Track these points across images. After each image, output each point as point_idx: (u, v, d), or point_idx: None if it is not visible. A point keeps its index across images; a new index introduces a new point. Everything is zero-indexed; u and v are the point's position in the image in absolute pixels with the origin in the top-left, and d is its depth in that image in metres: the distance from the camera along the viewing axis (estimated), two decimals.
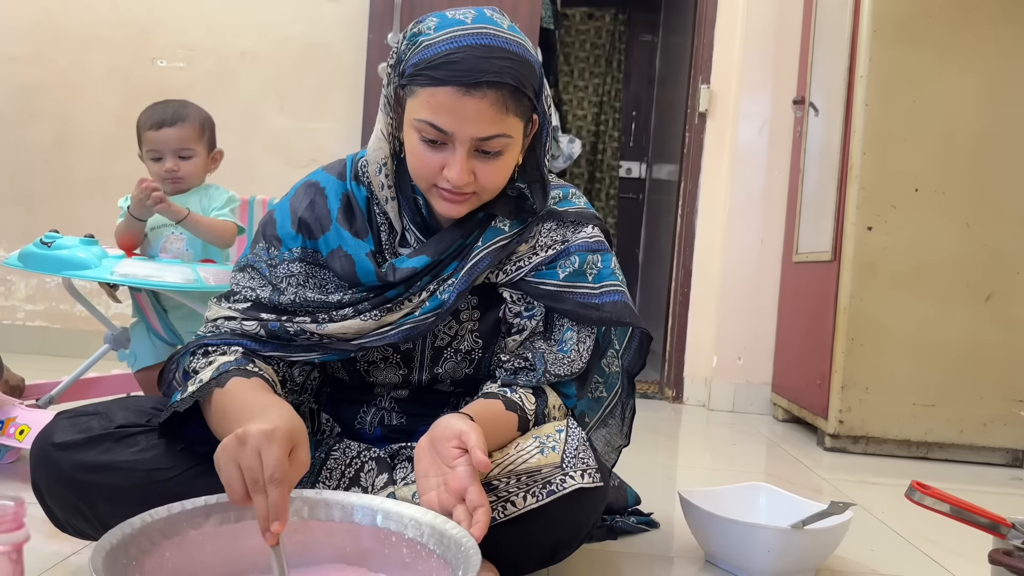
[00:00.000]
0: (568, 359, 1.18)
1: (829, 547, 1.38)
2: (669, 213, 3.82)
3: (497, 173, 1.08)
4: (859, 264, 2.52)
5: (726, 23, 3.30)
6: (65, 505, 1.06)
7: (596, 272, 1.19)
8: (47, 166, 3.36)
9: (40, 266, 1.76)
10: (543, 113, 1.12)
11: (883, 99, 2.51)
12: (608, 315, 1.17)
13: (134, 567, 0.82)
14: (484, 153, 1.06)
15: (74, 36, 3.34)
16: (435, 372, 1.21)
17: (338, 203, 1.17)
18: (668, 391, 3.42)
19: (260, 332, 1.13)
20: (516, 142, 1.08)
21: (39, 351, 3.23)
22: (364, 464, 1.15)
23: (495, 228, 1.15)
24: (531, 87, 1.06)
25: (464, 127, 1.03)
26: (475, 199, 1.10)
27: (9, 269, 3.34)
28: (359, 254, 1.14)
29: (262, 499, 0.85)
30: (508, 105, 1.03)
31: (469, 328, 1.19)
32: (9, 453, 1.72)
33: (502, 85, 1.02)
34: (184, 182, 1.91)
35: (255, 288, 1.16)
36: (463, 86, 1.01)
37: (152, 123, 1.87)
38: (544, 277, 1.17)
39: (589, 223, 1.21)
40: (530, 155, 1.16)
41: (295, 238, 1.16)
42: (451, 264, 1.15)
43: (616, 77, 5.34)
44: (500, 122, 1.03)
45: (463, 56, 1.01)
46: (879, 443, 2.55)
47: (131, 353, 2.00)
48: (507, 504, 1.03)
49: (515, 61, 1.03)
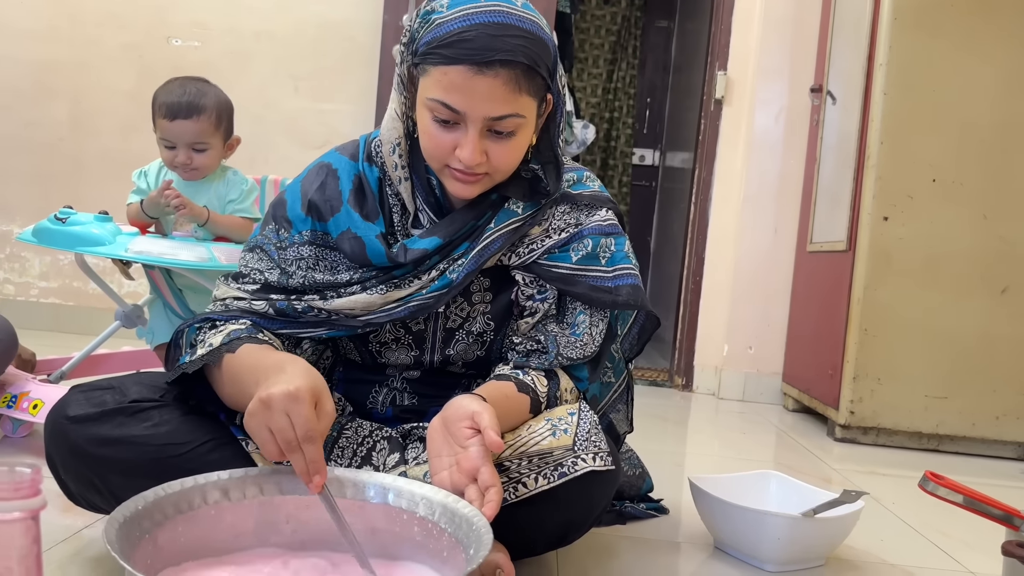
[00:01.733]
0: (580, 342, 1.18)
1: (839, 536, 1.37)
2: (682, 201, 3.80)
3: (510, 153, 1.07)
4: (874, 254, 2.50)
5: (744, 9, 3.28)
6: (79, 478, 1.07)
7: (609, 255, 1.18)
8: (62, 144, 3.37)
9: (54, 241, 1.76)
10: (557, 93, 1.11)
11: (902, 88, 2.49)
12: (621, 298, 1.17)
13: (147, 540, 0.82)
14: (497, 133, 1.05)
15: (89, 13, 3.34)
16: (446, 353, 1.20)
17: (350, 184, 1.16)
18: (678, 379, 3.41)
19: (268, 310, 1.13)
20: (529, 122, 1.07)
21: (52, 328, 3.24)
22: (376, 443, 1.15)
23: (508, 210, 1.14)
24: (544, 66, 1.04)
25: (476, 106, 1.02)
26: (487, 180, 1.09)
27: (23, 246, 3.36)
28: (369, 236, 1.13)
29: (299, 457, 0.88)
30: (521, 84, 1.02)
31: (481, 310, 1.19)
32: (22, 427, 1.74)
33: (515, 64, 1.00)
34: (198, 172, 1.88)
35: (263, 270, 1.16)
36: (475, 65, 0.99)
37: (167, 111, 1.79)
38: (557, 260, 1.17)
39: (603, 206, 1.20)
40: (544, 136, 1.14)
41: (304, 220, 1.16)
42: (462, 244, 1.14)
43: (631, 63, 5.31)
44: (513, 102, 1.02)
45: (476, 34, 0.99)
46: (890, 434, 2.54)
47: (149, 330, 2.00)
48: (518, 485, 1.03)
49: (528, 39, 1.02)
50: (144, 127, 1.91)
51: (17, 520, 0.52)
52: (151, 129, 1.89)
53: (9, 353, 1.68)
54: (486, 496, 0.92)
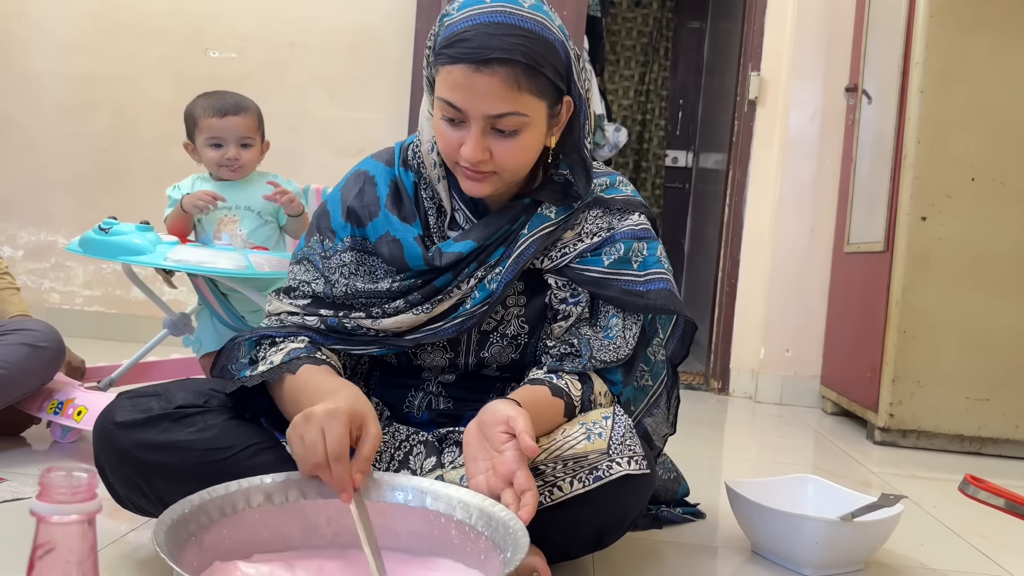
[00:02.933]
0: (614, 345, 1.18)
1: (878, 540, 1.36)
2: (716, 202, 3.78)
3: (514, 152, 1.08)
4: (912, 255, 2.47)
5: (777, 8, 3.25)
6: (126, 482, 1.10)
7: (641, 260, 1.19)
8: (104, 155, 3.45)
9: (98, 251, 1.82)
10: (579, 95, 1.11)
11: (939, 86, 2.45)
12: (652, 302, 1.18)
13: (193, 542, 0.84)
14: (500, 132, 1.06)
15: (130, 27, 3.41)
16: (481, 356, 1.22)
17: (387, 189, 1.19)
18: (714, 382, 3.39)
19: (320, 326, 1.16)
20: (535, 122, 1.07)
21: (96, 335, 3.32)
22: (412, 447, 1.17)
23: (541, 215, 1.16)
24: (549, 65, 1.05)
25: (475, 104, 1.03)
26: (496, 178, 1.10)
27: (69, 256, 3.44)
28: (407, 238, 1.15)
29: (325, 472, 0.92)
30: (521, 83, 1.03)
31: (515, 313, 1.20)
32: (71, 433, 1.78)
33: (512, 62, 1.02)
34: (242, 170, 1.95)
35: (310, 282, 1.20)
36: (473, 63, 1.01)
37: (215, 111, 1.89)
38: (589, 264, 1.18)
39: (636, 211, 1.21)
40: (568, 138, 1.15)
41: (344, 227, 1.19)
42: (497, 250, 1.16)
43: (663, 65, 5.29)
44: (512, 100, 1.03)
45: (475, 33, 1.02)
46: (930, 437, 2.51)
47: (196, 339, 2.05)
48: (553, 489, 1.04)
49: (528, 38, 1.03)
50: (184, 137, 1.96)
51: (75, 523, 0.55)
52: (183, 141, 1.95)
53: (57, 361, 1.73)
54: (522, 500, 0.93)
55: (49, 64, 3.44)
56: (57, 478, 0.55)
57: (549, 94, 1.07)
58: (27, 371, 1.66)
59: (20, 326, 1.69)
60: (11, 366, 1.63)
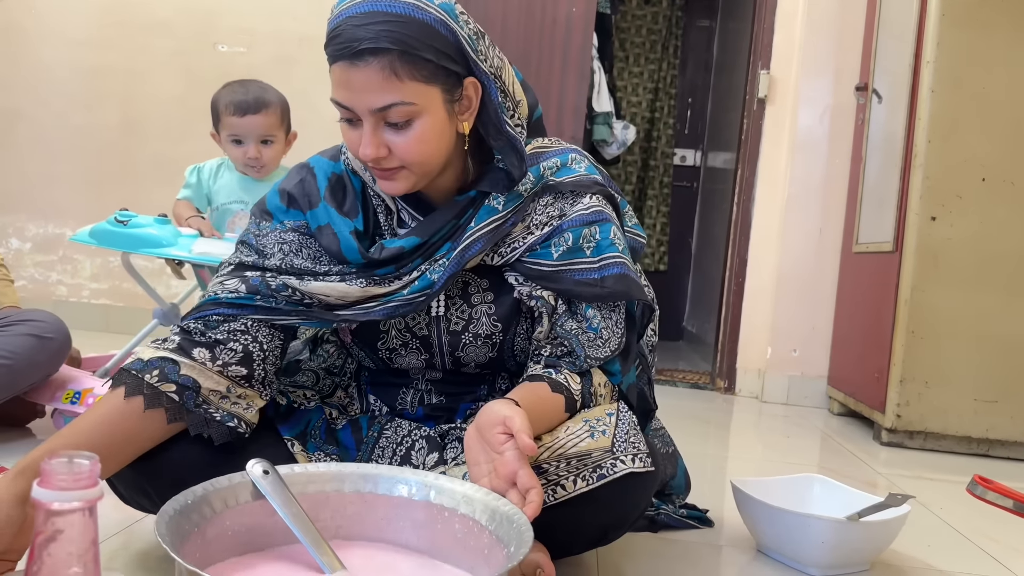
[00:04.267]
0: (601, 339, 1.14)
1: (885, 540, 1.35)
2: (724, 201, 3.77)
3: (412, 144, 1.03)
4: (922, 255, 2.46)
5: (787, 7, 3.24)
6: (128, 483, 1.09)
7: (594, 245, 1.13)
8: (113, 148, 3.45)
9: (117, 243, 1.84)
10: (484, 73, 1.05)
11: (950, 85, 2.44)
12: (609, 289, 1.12)
13: (196, 533, 0.84)
14: (393, 125, 1.02)
15: (138, 21, 3.42)
16: (456, 356, 1.19)
17: (326, 182, 1.16)
18: (720, 382, 3.38)
19: (241, 287, 1.10)
20: (427, 109, 1.02)
21: (103, 328, 3.33)
22: (415, 443, 1.16)
23: (488, 207, 1.11)
24: (429, 48, 0.99)
25: (357, 99, 1.00)
26: (407, 173, 1.06)
27: (76, 249, 3.45)
28: (343, 231, 1.12)
29: None
30: (398, 70, 0.98)
31: (485, 311, 1.16)
32: None
33: (384, 51, 0.97)
34: (265, 169, 1.95)
35: (240, 256, 1.16)
36: (347, 59, 0.98)
37: (235, 109, 1.88)
38: (538, 258, 1.13)
39: (587, 192, 1.14)
40: (484, 119, 1.08)
41: (286, 212, 1.16)
42: (444, 245, 1.12)
43: (672, 63, 5.28)
44: (392, 89, 0.99)
45: (344, 27, 0.99)
46: (938, 439, 2.49)
47: None
48: (557, 488, 1.03)
49: (397, 23, 0.98)
50: (192, 131, 1.97)
51: (76, 509, 0.54)
52: (199, 133, 1.95)
53: (63, 352, 1.73)
54: (527, 498, 0.91)
55: (58, 58, 3.45)
56: (59, 464, 0.54)
57: (439, 78, 1.02)
58: (33, 362, 1.66)
59: (26, 317, 1.69)
60: (17, 357, 1.63)
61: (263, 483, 0.87)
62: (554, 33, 3.12)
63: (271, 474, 0.89)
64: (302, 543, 0.85)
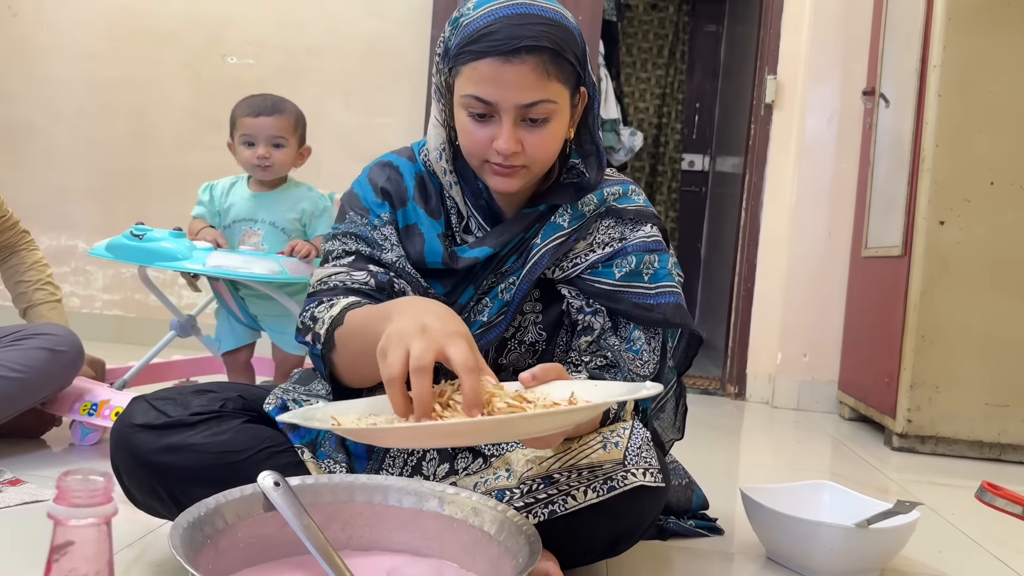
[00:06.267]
0: (641, 360, 1.18)
1: (894, 547, 1.35)
2: (733, 206, 3.77)
3: (545, 142, 1.09)
4: (930, 259, 2.45)
5: (794, 12, 3.24)
6: (142, 485, 1.11)
7: (652, 272, 1.19)
8: (123, 160, 3.48)
9: (133, 257, 1.87)
10: (592, 85, 1.14)
11: (957, 89, 2.44)
12: (662, 316, 1.18)
13: (208, 545, 0.85)
14: (531, 122, 1.07)
15: (149, 33, 3.45)
16: (500, 363, 1.22)
17: (413, 181, 1.20)
18: (730, 387, 3.37)
19: (370, 282, 1.12)
20: (562, 109, 1.09)
21: (115, 339, 3.35)
22: (426, 453, 1.17)
23: (554, 223, 1.17)
24: (572, 52, 1.07)
25: (507, 95, 1.05)
26: (525, 172, 1.11)
27: (88, 260, 3.48)
28: (431, 234, 1.16)
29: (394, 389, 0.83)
30: (549, 70, 1.04)
31: (532, 320, 1.20)
32: (90, 435, 1.80)
33: (541, 49, 1.03)
34: (272, 170, 1.98)
35: (354, 245, 1.17)
36: (502, 55, 1.03)
37: (250, 111, 1.94)
38: (600, 275, 1.18)
39: (648, 222, 1.22)
40: (583, 128, 1.17)
41: (382, 205, 1.18)
42: (510, 259, 1.16)
43: (679, 68, 5.28)
44: (543, 88, 1.05)
45: (499, 26, 1.04)
46: (949, 443, 2.48)
47: (216, 339, 2.09)
48: (568, 497, 1.03)
49: (552, 26, 1.05)
50: (201, 142, 2.00)
51: (91, 525, 0.55)
52: (208, 144, 1.98)
53: (76, 364, 1.75)
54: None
55: (70, 70, 3.48)
56: (74, 482, 0.56)
57: (571, 81, 1.09)
58: (46, 375, 1.68)
59: (40, 331, 1.71)
60: (31, 370, 1.64)
61: (274, 495, 0.88)
62: None
63: (282, 486, 0.90)
64: (313, 555, 0.86)
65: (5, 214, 1.90)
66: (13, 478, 1.50)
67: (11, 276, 1.91)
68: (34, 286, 1.90)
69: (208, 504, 0.88)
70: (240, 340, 2.08)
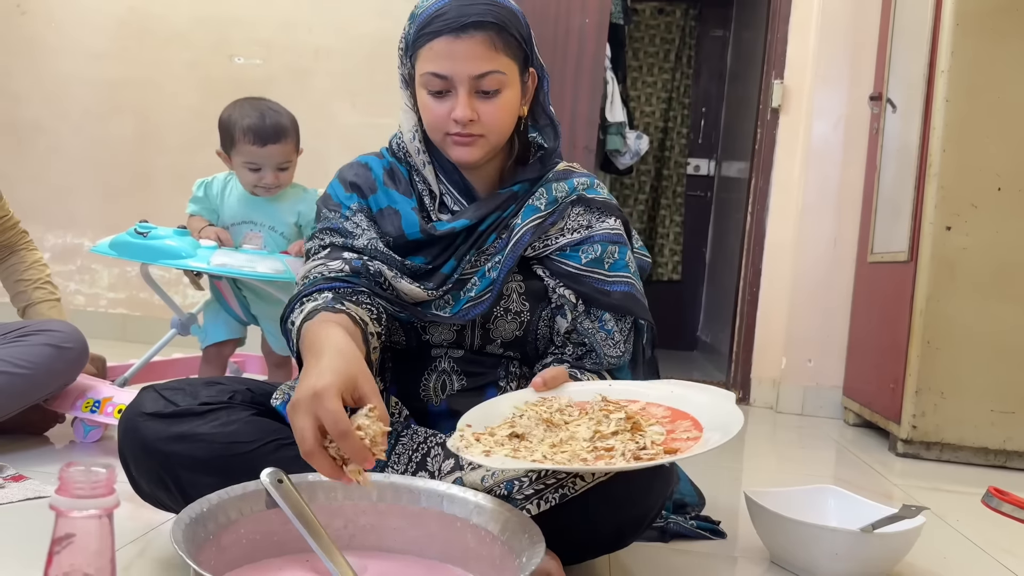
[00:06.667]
0: (613, 340, 1.26)
1: (899, 552, 1.35)
2: (738, 211, 3.76)
3: (498, 111, 1.18)
4: (937, 265, 2.44)
5: (801, 17, 3.24)
6: (149, 474, 1.13)
7: (612, 262, 1.28)
8: (129, 159, 3.49)
9: (137, 254, 1.87)
10: (540, 66, 1.26)
11: (965, 95, 2.43)
12: (615, 302, 1.26)
13: (211, 541, 0.85)
14: (484, 93, 1.17)
15: (156, 33, 3.46)
16: (487, 329, 1.25)
17: (381, 172, 1.29)
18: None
19: (344, 268, 1.19)
20: (512, 81, 1.19)
21: (120, 337, 3.36)
22: (431, 449, 1.17)
23: (532, 206, 1.25)
24: (516, 30, 1.18)
25: (460, 67, 1.15)
26: (484, 142, 1.19)
27: (94, 259, 3.48)
28: (406, 208, 1.24)
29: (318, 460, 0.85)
30: (496, 44, 1.15)
31: (515, 289, 1.25)
32: (92, 432, 1.80)
33: (488, 25, 1.14)
34: (277, 190, 1.96)
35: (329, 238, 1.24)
36: (452, 31, 1.14)
37: (255, 138, 1.86)
38: (567, 258, 1.26)
39: (612, 215, 1.31)
40: (536, 106, 1.29)
41: (351, 197, 1.27)
42: (491, 237, 1.23)
43: (686, 73, 5.28)
44: (492, 59, 1.15)
45: (449, 8, 1.15)
46: (954, 450, 2.47)
47: (203, 330, 2.08)
48: (577, 478, 1.04)
49: (496, 6, 1.16)
50: (208, 142, 1.99)
51: (93, 517, 0.55)
52: (215, 144, 1.96)
53: (81, 361, 1.75)
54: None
55: (77, 70, 3.49)
56: (76, 473, 0.55)
57: (519, 58, 1.20)
58: (51, 372, 1.68)
59: (44, 327, 1.71)
60: (36, 367, 1.65)
61: (277, 492, 0.88)
62: (567, 44, 3.14)
63: (285, 483, 0.89)
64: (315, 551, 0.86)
65: (6, 214, 1.91)
66: (16, 474, 1.50)
67: (10, 275, 1.92)
68: (33, 285, 1.91)
69: (211, 500, 0.88)
70: (230, 334, 2.06)
